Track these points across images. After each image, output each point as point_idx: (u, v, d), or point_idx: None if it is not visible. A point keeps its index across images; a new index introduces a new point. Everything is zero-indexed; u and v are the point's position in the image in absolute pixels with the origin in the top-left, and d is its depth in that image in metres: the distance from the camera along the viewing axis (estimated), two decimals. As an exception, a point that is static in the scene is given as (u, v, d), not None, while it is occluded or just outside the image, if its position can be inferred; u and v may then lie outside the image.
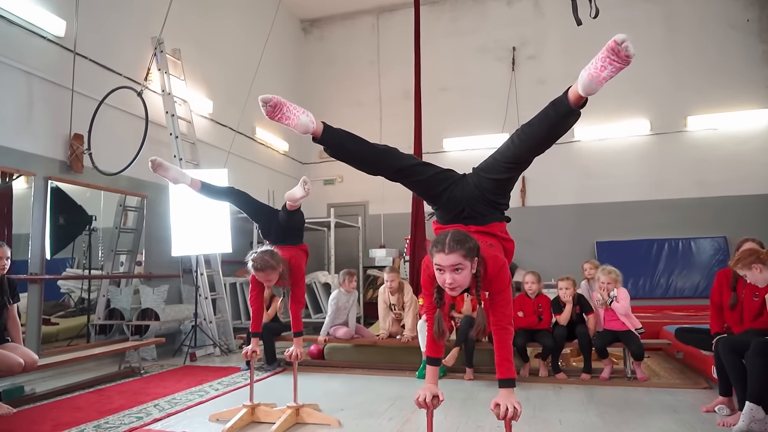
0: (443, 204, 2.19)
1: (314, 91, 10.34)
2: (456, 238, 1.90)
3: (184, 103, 6.65)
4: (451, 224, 2.14)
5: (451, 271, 1.89)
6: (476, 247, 1.92)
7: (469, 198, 2.12)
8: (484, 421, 3.19)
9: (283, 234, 3.48)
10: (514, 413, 1.89)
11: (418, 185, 2.26)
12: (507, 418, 1.90)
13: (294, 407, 3.21)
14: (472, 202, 2.13)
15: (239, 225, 7.37)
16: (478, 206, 2.13)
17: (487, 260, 1.97)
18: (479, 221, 2.12)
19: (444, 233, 1.95)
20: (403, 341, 4.87)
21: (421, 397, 2.03)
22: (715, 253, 8.27)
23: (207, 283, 6.25)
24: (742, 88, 8.28)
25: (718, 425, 3.04)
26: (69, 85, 5.01)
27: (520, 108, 9.16)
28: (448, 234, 1.92)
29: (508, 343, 2.03)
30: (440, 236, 1.95)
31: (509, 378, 1.99)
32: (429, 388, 2.07)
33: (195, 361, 5.54)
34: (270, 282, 3.19)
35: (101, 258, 5.71)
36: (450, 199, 2.16)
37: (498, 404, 1.93)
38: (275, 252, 3.18)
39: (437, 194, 2.19)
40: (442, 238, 1.92)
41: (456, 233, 1.93)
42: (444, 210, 2.21)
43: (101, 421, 3.26)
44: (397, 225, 9.43)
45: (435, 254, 1.94)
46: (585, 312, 4.58)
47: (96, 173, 5.24)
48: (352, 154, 2.21)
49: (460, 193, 2.14)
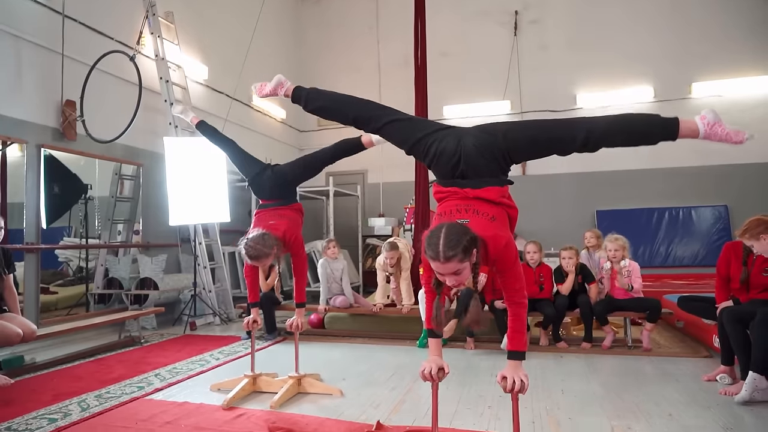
0: (433, 157, 2.06)
1: (311, 56, 10.13)
2: (449, 244, 1.74)
3: (179, 68, 6.48)
4: (449, 187, 2.03)
5: (450, 275, 1.80)
6: (473, 240, 1.79)
7: (467, 154, 1.98)
8: (486, 391, 3.19)
9: (279, 190, 3.33)
10: (521, 386, 1.86)
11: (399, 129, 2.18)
12: (514, 391, 1.87)
13: (296, 377, 3.19)
14: (470, 158, 1.98)
15: (238, 194, 7.28)
16: (478, 164, 1.99)
17: (488, 241, 1.86)
18: (476, 183, 1.98)
19: (435, 234, 1.78)
20: (404, 312, 4.86)
21: (426, 370, 2.00)
22: (716, 221, 8.24)
23: (206, 253, 6.21)
24: (748, 55, 8.11)
25: (720, 394, 3.04)
26: (59, 49, 4.85)
27: (522, 74, 8.99)
28: (440, 238, 1.76)
29: (522, 316, 1.99)
30: (432, 239, 1.79)
31: (519, 351, 1.96)
32: (434, 361, 2.04)
33: (195, 330, 5.54)
34: (266, 266, 3.12)
35: (98, 227, 5.64)
36: (441, 153, 2.03)
37: (505, 377, 1.90)
38: (266, 235, 3.01)
39: (420, 140, 2.08)
40: (434, 242, 1.77)
41: (448, 235, 1.76)
42: (437, 167, 2.09)
43: (102, 391, 3.25)
44: (396, 194, 9.37)
45: (430, 260, 1.81)
46: (587, 281, 4.55)
47: (90, 141, 5.12)
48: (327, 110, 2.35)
49: (453, 146, 2.00)
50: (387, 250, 4.97)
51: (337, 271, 5.23)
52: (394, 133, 2.20)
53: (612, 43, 8.63)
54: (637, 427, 2.57)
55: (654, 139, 1.92)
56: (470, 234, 1.80)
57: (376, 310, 4.97)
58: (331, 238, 5.55)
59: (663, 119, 1.91)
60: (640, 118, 1.93)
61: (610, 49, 8.62)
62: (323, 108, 2.36)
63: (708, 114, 1.90)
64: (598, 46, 8.66)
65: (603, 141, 1.93)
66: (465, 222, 1.89)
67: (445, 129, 2.11)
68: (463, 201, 1.98)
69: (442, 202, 2.07)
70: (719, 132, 1.90)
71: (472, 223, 1.89)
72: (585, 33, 8.74)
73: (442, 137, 2.05)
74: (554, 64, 8.82)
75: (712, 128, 1.89)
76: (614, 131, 1.92)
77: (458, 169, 2.01)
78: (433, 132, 2.09)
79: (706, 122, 1.89)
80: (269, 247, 2.99)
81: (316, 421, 2.69)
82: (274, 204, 3.33)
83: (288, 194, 3.40)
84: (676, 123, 1.90)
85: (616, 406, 2.88)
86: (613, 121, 1.93)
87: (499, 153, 1.98)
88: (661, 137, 1.91)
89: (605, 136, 1.92)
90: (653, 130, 1.91)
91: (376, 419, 2.64)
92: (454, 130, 2.09)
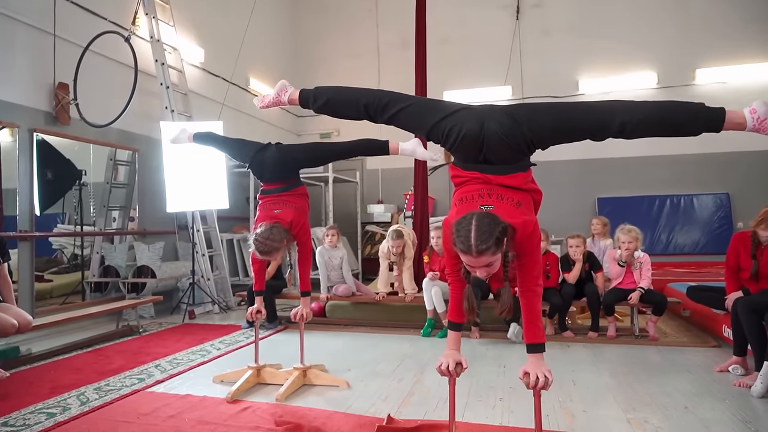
0: (455, 142, 1.91)
1: (309, 40, 9.93)
2: (481, 237, 1.66)
3: (174, 51, 6.30)
4: (470, 171, 1.91)
5: (482, 267, 1.73)
6: (504, 230, 1.70)
7: (490, 140, 1.84)
8: (496, 382, 3.12)
9: (282, 170, 3.14)
10: (545, 383, 1.79)
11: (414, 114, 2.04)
12: (537, 388, 1.79)
13: (301, 368, 3.11)
14: (494, 145, 1.84)
15: (236, 180, 7.15)
16: (502, 151, 1.86)
17: (517, 228, 1.77)
18: (499, 170, 1.87)
19: (464, 226, 1.69)
20: (407, 300, 4.79)
21: (444, 365, 1.92)
22: (717, 209, 8.20)
23: (204, 240, 6.10)
24: (752, 41, 8.01)
25: (734, 386, 2.99)
26: (51, 29, 4.68)
27: (523, 59, 8.85)
28: (471, 230, 1.67)
29: (536, 305, 1.90)
30: (461, 231, 1.70)
31: (538, 342, 1.87)
32: (451, 355, 1.95)
33: (194, 318, 5.45)
34: (277, 258, 3.01)
35: (93, 214, 5.52)
36: (463, 137, 1.87)
37: (527, 373, 1.83)
38: (275, 228, 2.87)
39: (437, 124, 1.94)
40: (465, 234, 1.68)
41: (479, 227, 1.67)
42: (458, 151, 1.96)
43: (102, 383, 3.16)
44: (395, 180, 9.27)
45: (460, 253, 1.73)
46: (593, 270, 4.49)
47: (84, 125, 4.97)
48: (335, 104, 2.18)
49: (476, 130, 1.85)
50: (393, 238, 4.88)
51: (336, 259, 5.14)
52: (408, 119, 2.07)
53: (615, 29, 8.50)
54: (653, 419, 2.51)
55: (697, 130, 1.76)
56: (501, 224, 1.70)
57: (379, 299, 4.89)
58: (331, 225, 5.46)
59: (708, 109, 1.74)
60: (684, 107, 1.76)
61: (613, 35, 8.49)
62: (331, 101, 2.17)
63: (760, 107, 1.73)
64: (601, 31, 8.53)
65: (640, 130, 1.77)
66: (489, 208, 1.79)
67: (464, 110, 1.96)
68: (486, 186, 1.88)
69: (461, 186, 1.96)
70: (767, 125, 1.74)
71: (497, 209, 1.79)
72: (588, 18, 8.60)
73: (463, 120, 1.90)
74: (556, 49, 8.68)
75: (762, 123, 1.73)
76: (653, 121, 1.76)
77: (481, 154, 1.89)
78: (451, 114, 1.94)
79: (756, 116, 1.73)
80: (279, 240, 2.87)
81: (324, 415, 2.61)
82: (278, 189, 3.15)
83: (292, 176, 3.19)
84: (722, 114, 1.73)
85: (629, 398, 2.82)
86: (653, 109, 1.78)
87: (523, 142, 1.85)
88: (705, 129, 1.75)
89: (643, 125, 1.76)
90: (697, 121, 1.74)
91: (386, 412, 2.57)
92: (473, 112, 1.94)
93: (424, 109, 2.04)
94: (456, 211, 1.90)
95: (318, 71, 9.75)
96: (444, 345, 2.05)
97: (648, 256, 4.37)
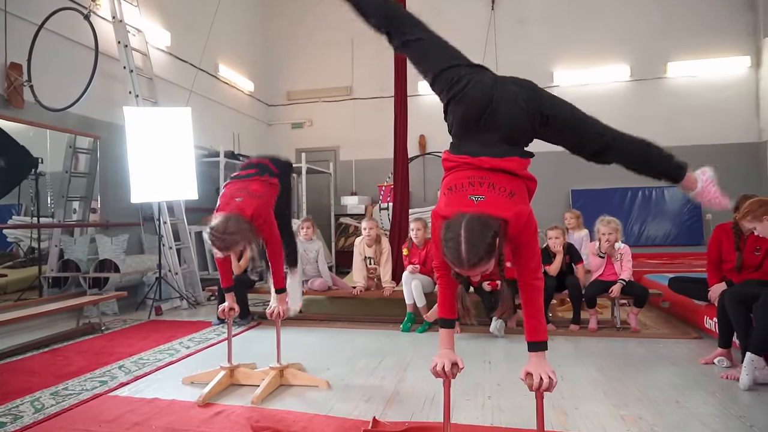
0: (463, 88, 1.81)
1: (282, 25, 9.62)
2: (473, 250, 1.53)
3: (139, 33, 5.97)
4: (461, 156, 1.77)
5: (477, 276, 1.65)
6: (496, 234, 1.57)
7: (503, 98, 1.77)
8: (482, 378, 3.01)
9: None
10: (549, 384, 1.66)
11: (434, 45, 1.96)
12: (541, 389, 1.66)
13: (278, 368, 2.93)
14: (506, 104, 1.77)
15: (205, 169, 6.85)
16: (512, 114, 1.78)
17: (509, 221, 1.63)
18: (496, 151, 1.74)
19: (453, 238, 1.56)
20: (386, 294, 4.64)
21: (439, 366, 1.77)
22: (687, 201, 8.29)
23: (171, 232, 5.82)
24: (724, 35, 8.10)
25: (722, 378, 2.95)
26: (1, 5, 4.33)
27: (499, 50, 8.76)
28: (461, 243, 1.54)
29: (537, 300, 1.78)
30: (450, 242, 1.57)
31: (540, 341, 1.75)
32: (446, 355, 1.81)
33: (161, 315, 5.18)
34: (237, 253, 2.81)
35: (52, 205, 5.19)
36: (474, 86, 1.79)
37: (529, 373, 1.70)
38: (231, 219, 2.58)
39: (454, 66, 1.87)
40: (454, 247, 1.55)
41: (470, 239, 1.54)
42: (460, 103, 1.83)
43: (59, 387, 2.92)
44: (369, 171, 9.10)
45: (451, 265, 1.63)
46: (574, 262, 4.43)
47: (40, 109, 4.65)
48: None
49: (489, 83, 1.80)
50: (367, 220, 4.90)
51: (311, 252, 4.95)
52: (425, 51, 1.97)
53: (590, 21, 8.49)
54: (647, 416, 2.43)
55: (661, 176, 1.95)
56: (493, 227, 1.57)
57: (356, 293, 4.73)
58: (306, 218, 5.28)
59: (677, 163, 1.93)
60: (659, 152, 1.91)
61: (588, 27, 8.49)
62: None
63: (708, 172, 1.98)
64: (576, 22, 8.51)
65: (620, 152, 1.87)
66: (480, 199, 1.65)
67: (484, 69, 1.91)
68: (477, 172, 1.73)
69: (451, 172, 1.81)
70: (711, 191, 1.98)
71: (488, 199, 1.65)
72: (563, 8, 8.57)
73: (478, 75, 1.84)
74: (532, 40, 8.62)
75: (707, 186, 1.97)
76: (633, 149, 1.88)
77: (483, 115, 1.78)
78: (469, 66, 1.89)
79: (705, 178, 1.97)
80: (239, 230, 2.57)
81: (304, 418, 2.45)
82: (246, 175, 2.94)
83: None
84: (685, 169, 1.94)
85: (619, 393, 2.75)
86: (633, 139, 1.89)
87: (538, 114, 1.77)
88: (668, 177, 1.96)
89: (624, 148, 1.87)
90: (667, 169, 1.93)
91: (370, 414, 2.42)
92: (491, 72, 1.90)
93: (444, 49, 1.96)
94: (445, 202, 1.76)
95: (291, 58, 9.47)
96: (425, 340, 1.92)
97: (628, 248, 4.34)
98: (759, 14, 7.92)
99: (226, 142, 7.52)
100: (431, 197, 8.78)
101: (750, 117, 8.07)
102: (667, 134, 8.27)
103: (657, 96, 8.41)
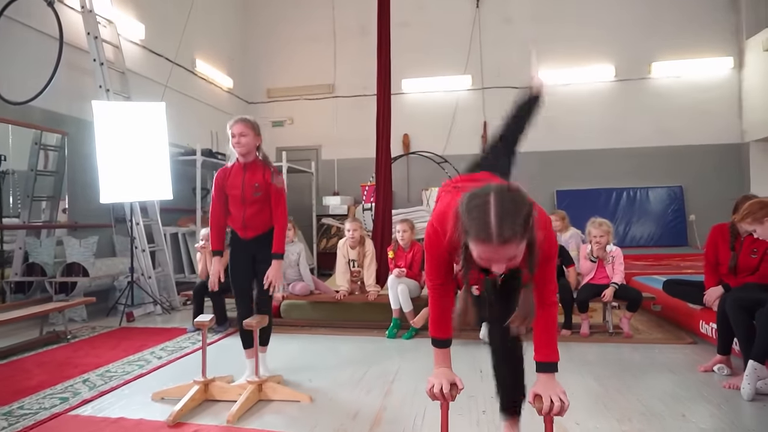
0: None
1: (262, 21, 9.35)
2: (506, 220, 1.27)
3: (110, 24, 5.68)
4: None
5: (503, 261, 1.34)
6: (530, 211, 1.33)
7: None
8: (476, 390, 2.83)
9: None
10: (560, 408, 1.49)
11: None
12: (552, 413, 1.49)
13: (256, 382, 2.72)
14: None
15: (180, 168, 6.56)
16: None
17: (539, 214, 1.41)
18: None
19: (480, 206, 1.30)
20: (370, 299, 4.45)
21: (436, 388, 1.57)
22: (671, 202, 8.29)
23: (144, 234, 5.54)
24: (708, 35, 8.10)
25: (724, 387, 2.82)
26: (-43, -10, 4.04)
27: (483, 48, 8.64)
28: (490, 212, 1.28)
29: (553, 321, 1.63)
30: (475, 212, 1.30)
31: (552, 362, 1.58)
32: (443, 375, 1.61)
33: (132, 321, 4.90)
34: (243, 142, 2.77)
35: (18, 205, 4.90)
36: None
37: (538, 395, 1.52)
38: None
39: None
40: (482, 217, 1.28)
41: (501, 206, 1.28)
42: None
43: (14, 406, 2.65)
44: (351, 171, 8.90)
45: (476, 243, 1.32)
46: (565, 264, 4.29)
47: (1, 103, 4.34)
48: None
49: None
50: (350, 221, 4.68)
51: (292, 254, 4.72)
52: None
53: (575, 20, 8.41)
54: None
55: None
56: (527, 204, 1.33)
57: (340, 297, 4.52)
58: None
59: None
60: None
61: (573, 26, 8.41)
62: None
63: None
64: (562, 21, 8.42)
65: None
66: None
67: None
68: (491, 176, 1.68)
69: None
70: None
71: None
72: (549, 7, 8.47)
73: None
74: (517, 38, 8.47)
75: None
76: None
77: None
78: None
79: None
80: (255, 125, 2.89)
81: (285, 439, 2.24)
82: None
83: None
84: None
85: (621, 406, 2.59)
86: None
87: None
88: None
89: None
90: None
91: (357, 434, 2.23)
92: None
93: None
94: (448, 201, 1.57)
95: (272, 54, 9.22)
96: (412, 347, 1.73)
97: (620, 250, 4.21)
98: (741, 15, 7.93)
99: (203, 140, 7.24)
100: (415, 198, 8.62)
101: (733, 118, 8.08)
102: (650, 135, 8.27)
103: (642, 96, 8.37)
